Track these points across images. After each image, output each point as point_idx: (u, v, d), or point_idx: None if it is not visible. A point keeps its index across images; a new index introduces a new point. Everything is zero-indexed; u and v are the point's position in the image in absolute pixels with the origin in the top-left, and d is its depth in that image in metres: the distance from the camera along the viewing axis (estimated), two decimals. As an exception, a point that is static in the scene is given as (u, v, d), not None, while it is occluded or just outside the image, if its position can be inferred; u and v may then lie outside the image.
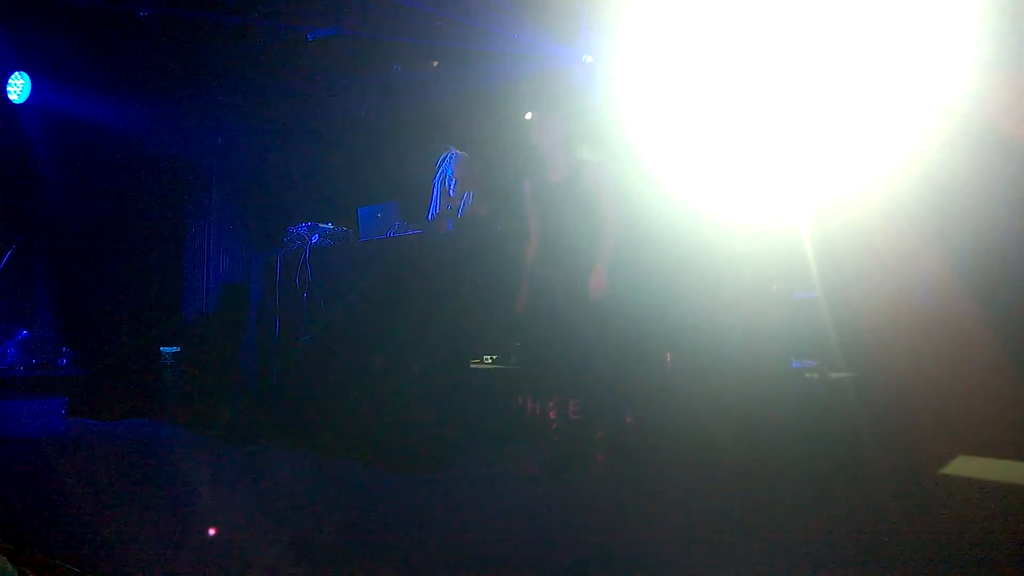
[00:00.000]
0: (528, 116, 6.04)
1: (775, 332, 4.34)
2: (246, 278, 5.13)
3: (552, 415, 4.29)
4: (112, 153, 5.37)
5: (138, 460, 4.06)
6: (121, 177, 5.57)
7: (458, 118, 5.67)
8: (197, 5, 4.61)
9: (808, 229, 4.17)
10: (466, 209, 4.72)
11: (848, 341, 4.08)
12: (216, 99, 5.61)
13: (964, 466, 3.34)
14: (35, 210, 4.98)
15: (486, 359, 5.12)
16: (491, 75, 5.77)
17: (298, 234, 4.57)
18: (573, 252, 3.87)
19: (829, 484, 3.15)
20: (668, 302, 4.86)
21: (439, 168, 4.78)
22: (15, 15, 4.93)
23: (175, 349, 5.12)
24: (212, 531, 2.62)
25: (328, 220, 4.70)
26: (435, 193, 4.83)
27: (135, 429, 4.90)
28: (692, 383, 4.23)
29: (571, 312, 3.85)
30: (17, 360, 5.33)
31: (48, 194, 4.97)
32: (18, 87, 4.91)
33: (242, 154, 6.18)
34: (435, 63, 4.91)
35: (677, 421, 3.94)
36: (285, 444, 4.32)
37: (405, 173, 4.91)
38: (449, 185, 4.76)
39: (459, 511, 3.04)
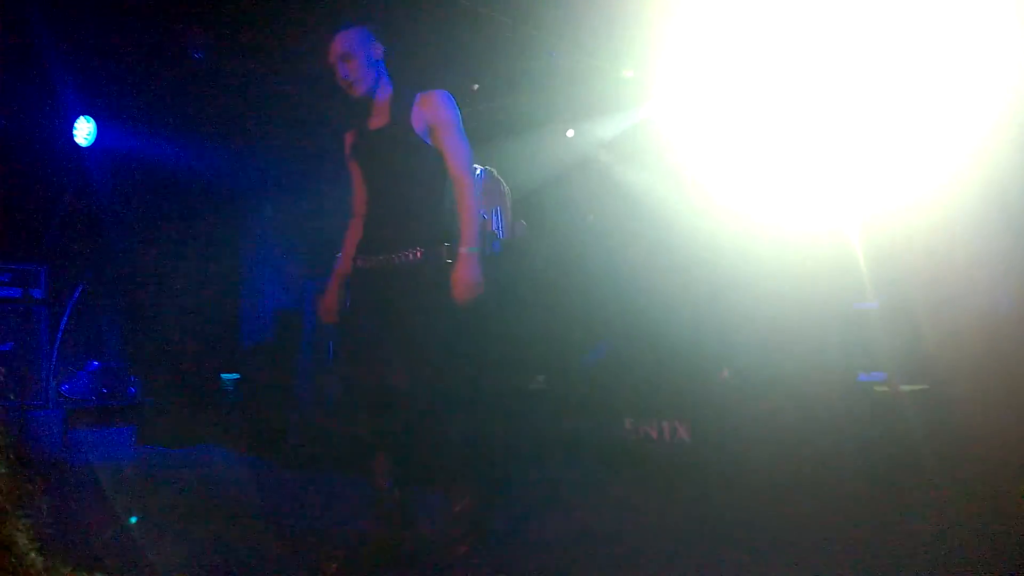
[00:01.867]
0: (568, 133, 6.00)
1: (837, 344, 4.17)
2: (300, 304, 5.24)
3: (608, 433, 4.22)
4: (171, 190, 5.60)
5: (203, 487, 4.15)
6: (180, 212, 5.81)
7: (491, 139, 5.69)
8: (248, 49, 4.78)
9: (867, 236, 4.01)
10: (506, 228, 4.71)
11: (917, 352, 3.89)
12: (269, 133, 5.79)
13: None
14: (102, 247, 5.22)
15: (539, 379, 5.09)
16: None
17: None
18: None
19: (906, 504, 2.98)
20: (723, 316, 4.74)
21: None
22: (82, 64, 5.21)
23: (235, 376, 5.26)
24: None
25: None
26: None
27: (199, 455, 5.02)
28: (751, 400, 4.10)
29: (623, 328, 3.79)
30: (89, 390, 5.58)
31: (113, 232, 5.21)
32: (85, 131, 5.17)
33: (294, 184, 6.35)
34: (475, 87, 4.93)
35: (737, 439, 3.81)
36: (343, 469, 4.35)
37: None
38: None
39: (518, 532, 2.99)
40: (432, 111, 2.57)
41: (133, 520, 3.11)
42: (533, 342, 4.77)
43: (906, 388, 3.86)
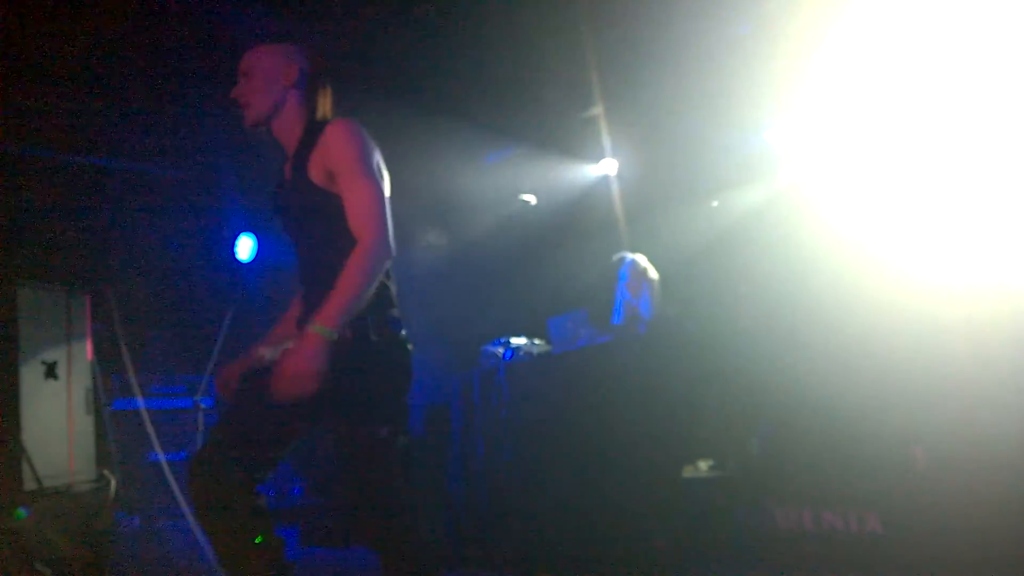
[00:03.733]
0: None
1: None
2: (448, 399, 5.25)
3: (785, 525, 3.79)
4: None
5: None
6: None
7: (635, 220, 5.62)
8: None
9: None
10: (654, 309, 4.54)
11: None
12: (407, 232, 6.05)
13: None
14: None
15: (701, 465, 4.72)
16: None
17: (492, 352, 4.62)
18: None
19: None
20: (908, 385, 4.23)
21: (620, 274, 4.69)
22: (245, 186, 5.74)
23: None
24: None
25: (520, 333, 4.73)
26: (618, 301, 4.71)
27: (361, 557, 5.03)
28: (954, 482, 3.54)
29: (802, 405, 3.41)
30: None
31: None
32: (247, 247, 5.62)
33: (439, 281, 6.54)
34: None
35: (938, 531, 3.28)
36: (496, 567, 4.19)
37: (590, 278, 4.87)
38: (624, 289, 4.63)
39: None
40: (330, 150, 1.94)
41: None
42: (692, 425, 4.46)
43: None
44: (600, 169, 5.93)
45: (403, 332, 2.01)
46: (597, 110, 4.95)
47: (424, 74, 4.51)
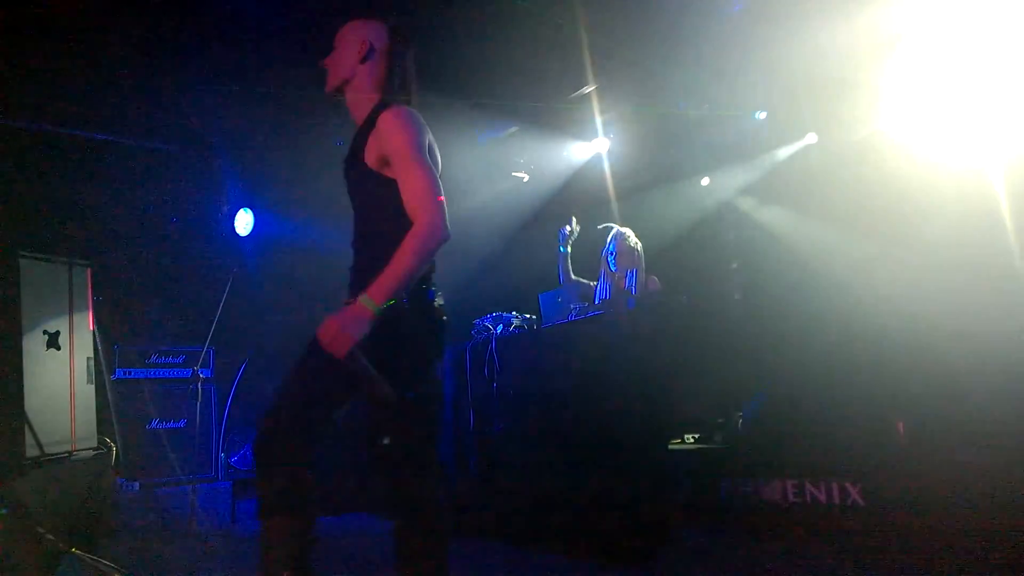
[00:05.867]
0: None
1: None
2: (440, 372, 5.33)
3: (769, 497, 3.87)
4: (318, 269, 5.98)
5: (359, 554, 4.22)
6: (327, 289, 6.16)
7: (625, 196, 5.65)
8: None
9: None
10: (639, 287, 4.59)
11: None
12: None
13: None
14: (263, 326, 5.64)
15: (688, 438, 4.81)
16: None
17: (484, 326, 4.69)
18: None
19: None
20: (892, 361, 4.30)
21: (608, 247, 4.74)
22: (244, 161, 5.79)
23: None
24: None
25: (512, 309, 4.80)
26: (607, 271, 4.77)
27: (352, 522, 5.13)
28: (933, 457, 3.62)
29: (788, 379, 3.45)
30: (252, 462, 5.91)
31: (271, 311, 5.63)
32: (245, 222, 5.68)
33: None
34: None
35: (916, 502, 3.36)
36: (486, 535, 4.28)
37: (579, 254, 4.92)
38: (611, 261, 4.69)
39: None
40: (383, 138, 2.01)
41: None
42: (679, 398, 4.54)
43: None
44: (592, 148, 5.97)
45: (437, 303, 2.09)
46: (589, 89, 4.97)
47: (417, 54, 4.52)
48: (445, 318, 2.11)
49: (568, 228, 4.71)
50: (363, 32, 2.19)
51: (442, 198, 1.96)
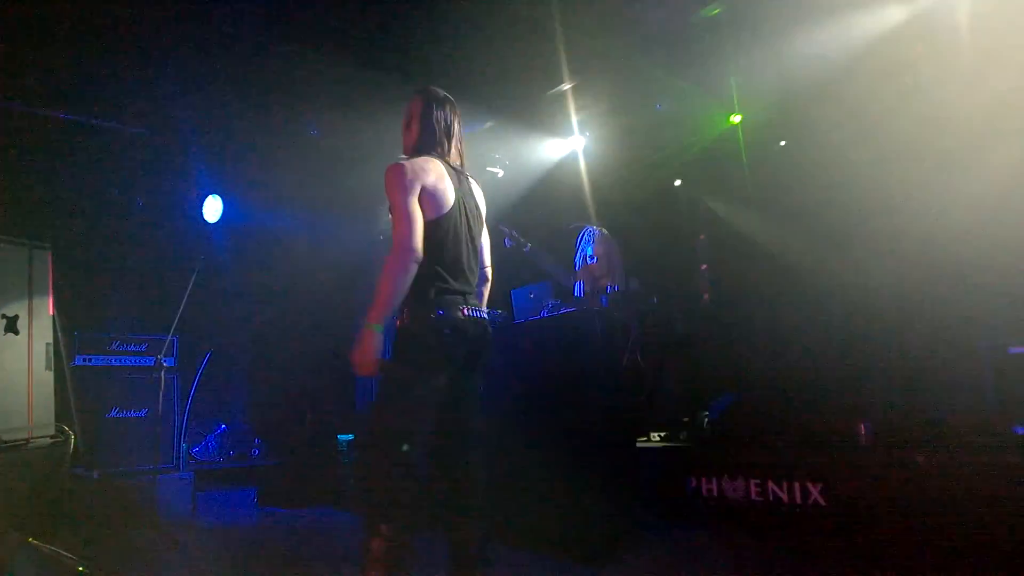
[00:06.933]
0: None
1: (992, 392, 3.73)
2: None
3: (732, 495, 3.93)
4: (287, 258, 5.94)
5: (318, 549, 4.19)
6: (294, 280, 6.10)
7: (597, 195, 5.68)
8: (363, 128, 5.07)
9: None
10: (619, 281, 4.62)
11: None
12: (376, 204, 6.03)
13: None
14: (229, 316, 5.56)
15: (653, 436, 4.85)
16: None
17: (456, 320, 4.65)
18: None
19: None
20: (857, 363, 4.38)
21: (578, 245, 4.76)
22: (214, 147, 5.68)
23: (350, 437, 5.36)
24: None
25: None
26: (576, 269, 4.79)
27: (315, 517, 5.09)
28: (893, 458, 3.70)
29: (753, 380, 3.52)
30: (216, 452, 5.86)
31: (237, 300, 5.55)
32: (213, 208, 5.58)
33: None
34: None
35: (877, 503, 3.43)
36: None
37: (555, 251, 4.93)
38: (590, 262, 4.71)
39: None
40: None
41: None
42: (647, 397, 4.57)
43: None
44: (568, 145, 5.98)
45: (440, 319, 2.43)
46: (567, 87, 4.98)
47: (392, 49, 4.50)
48: (449, 331, 2.44)
49: (509, 237, 4.72)
50: (408, 105, 2.65)
51: (411, 237, 2.38)
